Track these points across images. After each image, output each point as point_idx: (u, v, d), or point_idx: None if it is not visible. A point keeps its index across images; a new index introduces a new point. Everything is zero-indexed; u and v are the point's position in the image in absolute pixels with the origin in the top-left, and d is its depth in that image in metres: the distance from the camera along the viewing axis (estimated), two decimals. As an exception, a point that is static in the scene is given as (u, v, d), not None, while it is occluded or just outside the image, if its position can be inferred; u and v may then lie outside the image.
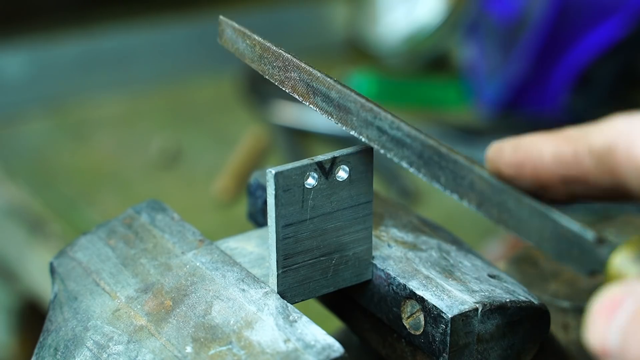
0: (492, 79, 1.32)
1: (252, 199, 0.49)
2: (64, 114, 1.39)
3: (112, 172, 1.23)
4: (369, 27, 1.57)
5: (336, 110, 0.39)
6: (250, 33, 0.43)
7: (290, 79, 0.41)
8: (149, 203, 0.47)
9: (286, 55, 0.41)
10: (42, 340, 0.42)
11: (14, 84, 1.39)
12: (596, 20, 1.21)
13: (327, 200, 0.41)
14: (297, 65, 0.40)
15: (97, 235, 0.46)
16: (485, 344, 0.41)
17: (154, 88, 1.47)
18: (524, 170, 0.33)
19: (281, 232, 0.40)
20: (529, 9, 1.23)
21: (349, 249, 0.42)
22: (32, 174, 1.21)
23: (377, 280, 0.43)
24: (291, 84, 0.41)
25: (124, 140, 1.32)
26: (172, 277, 0.42)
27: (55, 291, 0.44)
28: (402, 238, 0.45)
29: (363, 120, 0.39)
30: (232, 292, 0.40)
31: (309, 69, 0.40)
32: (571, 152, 0.31)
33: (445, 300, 0.40)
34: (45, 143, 1.31)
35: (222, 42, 0.45)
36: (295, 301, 0.42)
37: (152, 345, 0.38)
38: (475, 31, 1.38)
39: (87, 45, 1.44)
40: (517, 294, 0.42)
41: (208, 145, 1.30)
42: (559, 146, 0.31)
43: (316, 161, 0.40)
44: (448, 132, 1.22)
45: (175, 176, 1.21)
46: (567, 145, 0.31)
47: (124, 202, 1.07)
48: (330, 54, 1.61)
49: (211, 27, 1.55)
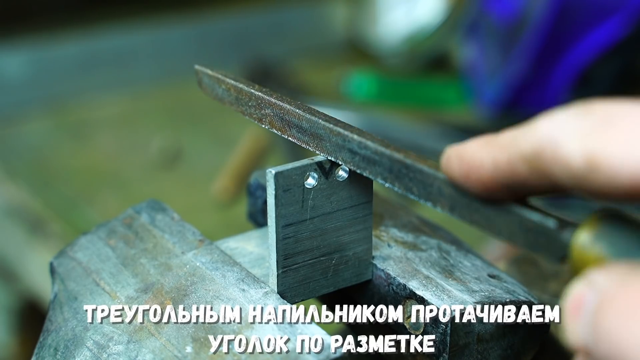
0: (492, 79, 1.32)
1: (252, 199, 0.49)
2: (64, 114, 1.39)
3: (112, 172, 1.23)
4: (369, 27, 1.57)
5: (311, 139, 0.41)
6: (223, 77, 0.45)
7: (267, 116, 0.42)
8: (149, 203, 0.47)
9: (257, 94, 0.43)
10: (42, 340, 0.42)
11: (14, 84, 1.39)
12: (596, 20, 1.21)
13: (327, 200, 0.41)
14: (269, 102, 0.42)
15: (97, 235, 0.46)
16: (485, 344, 0.41)
17: (154, 88, 1.47)
18: (470, 179, 0.33)
19: (281, 232, 0.40)
20: (529, 9, 1.23)
21: (349, 249, 0.42)
22: (32, 174, 1.21)
23: (377, 280, 0.43)
24: (268, 120, 0.42)
25: (124, 140, 1.32)
26: (172, 277, 0.42)
27: (55, 291, 0.44)
28: (402, 238, 0.45)
29: (335, 145, 0.40)
30: (232, 292, 0.40)
31: (279, 104, 0.42)
32: (505, 160, 0.32)
33: (445, 300, 0.40)
34: (45, 143, 1.31)
35: (202, 90, 0.46)
36: (295, 301, 0.42)
37: (152, 345, 0.38)
38: (475, 31, 1.38)
39: (87, 45, 1.44)
40: (517, 294, 0.42)
41: (208, 145, 1.30)
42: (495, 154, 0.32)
43: (316, 161, 0.40)
44: (448, 132, 1.21)
45: (175, 176, 1.21)
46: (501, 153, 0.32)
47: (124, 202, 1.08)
48: (330, 54, 1.61)
49: (211, 27, 1.55)
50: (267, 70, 1.45)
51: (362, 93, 1.42)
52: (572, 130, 0.29)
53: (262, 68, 1.45)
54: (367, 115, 1.27)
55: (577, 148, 0.29)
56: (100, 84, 1.44)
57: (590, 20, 1.21)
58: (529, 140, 0.31)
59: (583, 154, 0.29)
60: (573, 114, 0.30)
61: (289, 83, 1.42)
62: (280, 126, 0.42)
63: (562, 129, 0.30)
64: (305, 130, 0.41)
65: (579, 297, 0.29)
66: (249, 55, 1.50)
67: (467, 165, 0.33)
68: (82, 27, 1.45)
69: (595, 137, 0.29)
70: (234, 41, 1.56)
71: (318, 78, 1.50)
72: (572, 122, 0.30)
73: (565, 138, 0.29)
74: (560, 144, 0.29)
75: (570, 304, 0.29)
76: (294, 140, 0.41)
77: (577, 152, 0.29)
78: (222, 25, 1.56)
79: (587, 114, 0.30)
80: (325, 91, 1.44)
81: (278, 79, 1.42)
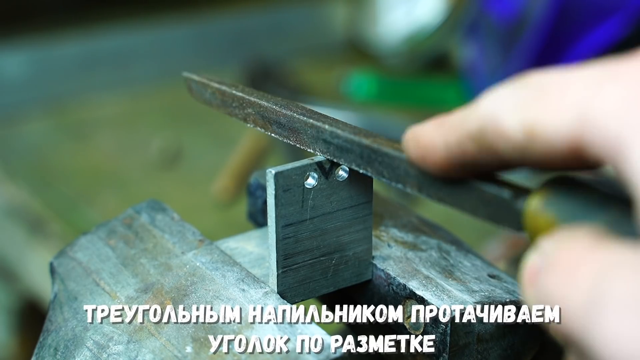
0: (492, 79, 1.32)
1: (252, 199, 0.49)
2: (64, 114, 1.39)
3: (112, 172, 1.23)
4: (369, 27, 1.57)
5: (290, 133, 0.42)
6: (208, 82, 0.46)
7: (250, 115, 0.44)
8: (149, 203, 0.47)
9: (238, 94, 0.44)
10: (42, 340, 0.42)
11: (14, 84, 1.39)
12: (596, 20, 1.21)
13: (327, 200, 0.41)
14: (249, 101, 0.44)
15: (97, 235, 0.46)
16: (485, 344, 0.41)
17: (154, 88, 1.47)
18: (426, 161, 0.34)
19: (281, 232, 0.40)
20: (529, 9, 1.23)
21: (349, 249, 0.42)
22: (32, 174, 1.21)
23: (377, 280, 0.43)
24: (252, 119, 0.44)
25: (124, 140, 1.32)
26: (172, 277, 0.42)
27: (55, 291, 0.44)
28: (402, 238, 0.45)
29: (311, 137, 0.41)
30: (232, 292, 0.40)
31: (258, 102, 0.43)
32: (455, 140, 0.33)
33: (445, 300, 0.40)
34: (45, 143, 1.31)
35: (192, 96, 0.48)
36: (295, 301, 0.42)
37: (152, 345, 0.38)
38: (475, 31, 1.38)
39: (87, 45, 1.44)
40: (517, 294, 0.42)
41: (208, 145, 1.30)
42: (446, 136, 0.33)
43: (316, 161, 0.40)
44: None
45: (175, 176, 1.21)
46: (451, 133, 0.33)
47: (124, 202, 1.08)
48: (330, 54, 1.61)
49: (211, 27, 1.55)
50: (267, 70, 1.45)
51: (362, 93, 1.42)
52: (509, 104, 0.30)
53: (262, 68, 1.45)
54: (367, 115, 1.27)
55: (515, 120, 0.30)
56: (100, 84, 1.44)
57: (590, 20, 1.21)
58: (474, 119, 0.32)
59: (521, 126, 0.30)
60: (510, 88, 0.31)
61: (289, 83, 1.42)
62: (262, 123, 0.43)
63: (501, 103, 0.31)
64: (283, 125, 0.42)
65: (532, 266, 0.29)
66: (249, 55, 1.50)
67: (423, 148, 0.34)
68: (82, 27, 1.45)
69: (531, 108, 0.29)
70: (233, 41, 1.56)
71: (318, 78, 1.50)
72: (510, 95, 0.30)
73: (504, 112, 0.30)
74: (500, 118, 0.30)
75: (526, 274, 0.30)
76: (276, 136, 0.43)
77: (515, 125, 0.30)
78: (222, 25, 1.56)
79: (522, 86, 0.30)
80: (325, 91, 1.44)
81: (278, 79, 1.42)
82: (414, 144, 0.34)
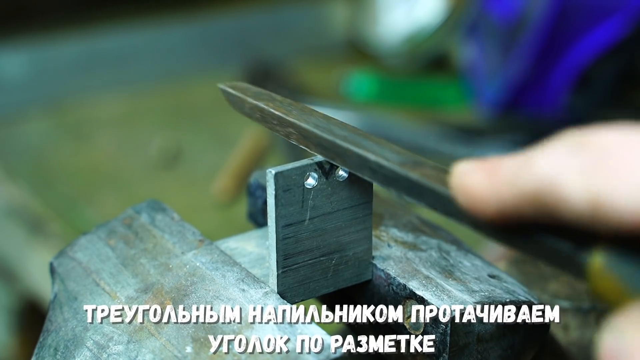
0: (492, 79, 1.32)
1: (252, 199, 0.49)
2: (64, 114, 1.39)
3: (112, 172, 1.23)
4: (369, 27, 1.57)
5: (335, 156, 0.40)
6: (244, 96, 0.44)
7: (292, 134, 0.42)
8: (149, 203, 0.47)
9: (276, 114, 0.42)
10: (42, 340, 0.42)
11: (14, 84, 1.39)
12: (596, 20, 1.21)
13: (327, 200, 0.41)
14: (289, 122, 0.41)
15: (97, 235, 0.46)
16: (485, 344, 0.41)
17: (154, 88, 1.47)
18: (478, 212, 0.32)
19: (281, 232, 0.40)
20: (529, 9, 1.23)
21: (349, 249, 0.42)
22: (32, 174, 1.21)
23: (377, 280, 0.43)
24: (294, 137, 0.42)
25: (124, 140, 1.32)
26: (172, 277, 0.42)
27: (55, 291, 0.44)
28: (402, 238, 0.45)
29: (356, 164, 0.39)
30: (232, 292, 0.40)
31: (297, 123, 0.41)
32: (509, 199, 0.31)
33: (445, 300, 0.40)
34: (45, 143, 1.31)
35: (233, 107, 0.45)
36: (295, 301, 0.42)
37: (152, 345, 0.38)
38: (475, 31, 1.38)
39: (87, 45, 1.44)
40: (517, 294, 0.42)
41: (208, 145, 1.30)
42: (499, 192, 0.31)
43: (316, 161, 0.40)
44: (448, 132, 1.21)
45: (175, 176, 1.21)
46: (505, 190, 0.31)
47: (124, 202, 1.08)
48: (330, 54, 1.61)
49: (211, 27, 1.55)
50: (267, 70, 1.45)
51: (362, 93, 1.42)
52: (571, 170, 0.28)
53: (262, 68, 1.45)
54: (367, 115, 1.27)
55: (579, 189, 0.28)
56: (100, 84, 1.44)
57: (590, 20, 1.21)
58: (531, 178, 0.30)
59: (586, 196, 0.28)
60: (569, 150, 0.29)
61: (289, 83, 1.42)
62: (306, 143, 0.41)
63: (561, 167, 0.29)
64: (327, 148, 0.40)
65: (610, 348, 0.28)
66: (249, 55, 1.50)
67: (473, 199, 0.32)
68: (82, 27, 1.45)
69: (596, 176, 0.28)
70: (234, 41, 1.56)
71: (318, 78, 1.50)
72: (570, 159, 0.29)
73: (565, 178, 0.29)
74: (562, 185, 0.29)
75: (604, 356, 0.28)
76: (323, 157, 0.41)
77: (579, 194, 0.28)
78: (222, 25, 1.56)
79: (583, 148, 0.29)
80: (325, 91, 1.44)
81: (278, 79, 1.42)
82: (463, 194, 0.32)
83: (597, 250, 0.29)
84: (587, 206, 0.28)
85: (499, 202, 0.31)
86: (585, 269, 0.30)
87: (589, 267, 0.30)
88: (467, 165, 0.32)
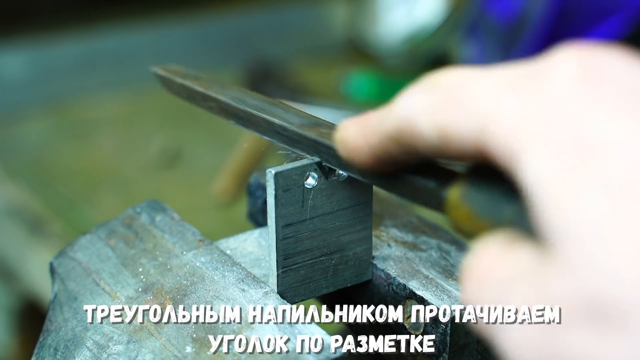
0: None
1: (252, 199, 0.49)
2: (64, 114, 1.39)
3: (112, 172, 1.23)
4: (369, 27, 1.57)
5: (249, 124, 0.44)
6: (172, 77, 0.49)
7: (212, 107, 0.46)
8: (149, 203, 0.47)
9: (199, 90, 0.47)
10: (42, 340, 0.42)
11: (14, 84, 1.39)
12: (596, 20, 1.21)
13: (327, 200, 0.41)
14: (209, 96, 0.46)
15: (97, 235, 0.46)
16: (485, 344, 0.41)
17: (154, 88, 1.46)
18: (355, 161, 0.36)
19: (281, 232, 0.40)
20: (529, 9, 1.23)
21: (349, 249, 0.42)
22: (32, 174, 1.21)
23: (377, 280, 0.43)
24: (215, 111, 0.46)
25: (124, 140, 1.32)
26: (172, 277, 0.42)
27: (55, 291, 0.44)
28: (402, 238, 0.45)
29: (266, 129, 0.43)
30: (232, 292, 0.40)
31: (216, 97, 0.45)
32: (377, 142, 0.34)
33: (445, 300, 0.40)
34: (45, 143, 1.31)
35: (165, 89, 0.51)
36: (295, 301, 0.42)
37: (152, 345, 0.38)
38: (475, 31, 1.38)
39: (87, 45, 1.44)
40: (517, 294, 0.42)
41: (208, 145, 1.30)
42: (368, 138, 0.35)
43: (316, 161, 0.40)
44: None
45: (175, 176, 1.21)
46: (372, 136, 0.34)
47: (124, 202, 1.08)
48: (330, 54, 1.61)
49: (211, 27, 1.55)
50: (267, 70, 1.45)
51: (362, 93, 1.42)
52: (423, 107, 0.32)
53: (262, 68, 1.45)
54: (367, 115, 1.27)
55: (430, 124, 0.31)
56: (100, 84, 1.44)
57: (590, 21, 1.21)
58: (391, 121, 0.33)
59: (435, 129, 0.31)
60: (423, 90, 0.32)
61: (289, 83, 1.42)
62: (225, 115, 0.45)
63: (416, 106, 0.32)
64: (242, 118, 0.44)
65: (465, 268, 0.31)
66: (249, 55, 1.50)
67: (349, 150, 0.35)
68: (82, 27, 1.45)
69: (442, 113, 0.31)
70: (234, 41, 1.56)
71: (318, 78, 1.50)
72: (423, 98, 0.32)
73: (419, 115, 0.32)
74: (416, 121, 0.32)
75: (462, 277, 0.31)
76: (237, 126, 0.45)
77: (430, 128, 0.31)
78: (222, 25, 1.56)
79: (434, 88, 0.32)
80: (325, 91, 1.44)
81: (278, 79, 1.42)
82: (342, 147, 0.36)
83: (454, 185, 0.33)
84: (437, 139, 0.31)
85: (370, 148, 0.35)
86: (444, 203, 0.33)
87: (447, 200, 0.33)
88: (347, 122, 0.36)
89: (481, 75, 0.31)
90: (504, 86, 0.30)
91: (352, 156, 0.36)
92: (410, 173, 0.35)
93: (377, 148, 0.34)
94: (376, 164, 0.35)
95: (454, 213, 0.32)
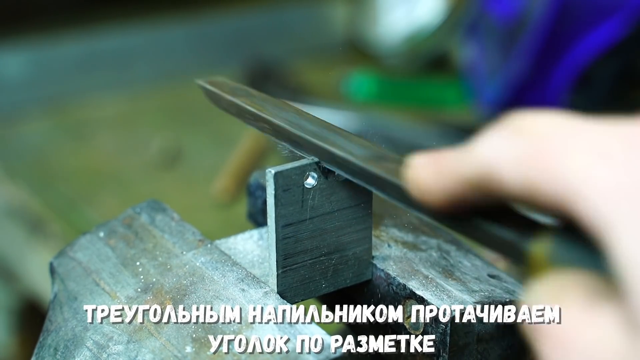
0: (492, 79, 1.32)
1: (252, 199, 0.49)
2: (64, 114, 1.39)
3: (112, 172, 1.23)
4: (369, 27, 1.57)
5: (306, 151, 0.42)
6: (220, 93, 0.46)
7: (265, 128, 0.44)
8: (149, 203, 0.47)
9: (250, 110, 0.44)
10: (42, 340, 0.42)
11: (14, 84, 1.39)
12: (596, 20, 1.21)
13: (327, 200, 0.41)
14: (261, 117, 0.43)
15: (97, 235, 0.46)
16: (485, 344, 0.41)
17: (154, 88, 1.47)
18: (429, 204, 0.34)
19: (281, 232, 0.40)
20: (529, 9, 1.23)
21: (348, 249, 0.42)
22: (32, 174, 1.21)
23: (377, 280, 0.43)
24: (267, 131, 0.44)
25: (124, 140, 1.32)
26: (172, 277, 0.42)
27: (55, 291, 0.44)
28: (402, 238, 0.45)
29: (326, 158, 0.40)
30: (232, 292, 0.40)
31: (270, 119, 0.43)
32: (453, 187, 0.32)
33: (445, 300, 0.40)
34: (45, 143, 1.31)
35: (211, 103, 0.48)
36: (295, 301, 0.42)
37: (152, 345, 0.38)
38: (475, 31, 1.38)
39: (87, 45, 1.44)
40: (517, 294, 0.42)
41: (208, 145, 1.30)
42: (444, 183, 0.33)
43: (316, 161, 0.40)
44: (448, 132, 1.21)
45: (175, 176, 1.21)
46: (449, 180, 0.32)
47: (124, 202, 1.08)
48: (330, 54, 1.61)
49: (211, 27, 1.55)
50: (267, 70, 1.45)
51: (362, 93, 1.42)
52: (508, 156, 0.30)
53: (262, 68, 1.45)
54: (367, 115, 1.27)
55: (516, 176, 0.30)
56: (100, 84, 1.44)
57: (590, 20, 1.21)
58: (471, 166, 0.31)
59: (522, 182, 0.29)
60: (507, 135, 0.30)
61: (289, 83, 1.42)
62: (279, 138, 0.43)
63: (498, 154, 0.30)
64: (298, 143, 0.42)
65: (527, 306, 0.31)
66: (249, 55, 1.50)
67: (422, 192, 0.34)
68: (82, 27, 1.45)
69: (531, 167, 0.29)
70: (234, 41, 1.56)
71: (318, 78, 1.49)
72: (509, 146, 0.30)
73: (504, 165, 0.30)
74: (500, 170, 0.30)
75: None
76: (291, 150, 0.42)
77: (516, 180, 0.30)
78: (222, 25, 1.56)
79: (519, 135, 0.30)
80: (325, 91, 1.44)
81: (278, 79, 1.42)
82: (414, 186, 0.34)
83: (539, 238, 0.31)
84: (520, 191, 0.30)
85: (445, 192, 0.33)
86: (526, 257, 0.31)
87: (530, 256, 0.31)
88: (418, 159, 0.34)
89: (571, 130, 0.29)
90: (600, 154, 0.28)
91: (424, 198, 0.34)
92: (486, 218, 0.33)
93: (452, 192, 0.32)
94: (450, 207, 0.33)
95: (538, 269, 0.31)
